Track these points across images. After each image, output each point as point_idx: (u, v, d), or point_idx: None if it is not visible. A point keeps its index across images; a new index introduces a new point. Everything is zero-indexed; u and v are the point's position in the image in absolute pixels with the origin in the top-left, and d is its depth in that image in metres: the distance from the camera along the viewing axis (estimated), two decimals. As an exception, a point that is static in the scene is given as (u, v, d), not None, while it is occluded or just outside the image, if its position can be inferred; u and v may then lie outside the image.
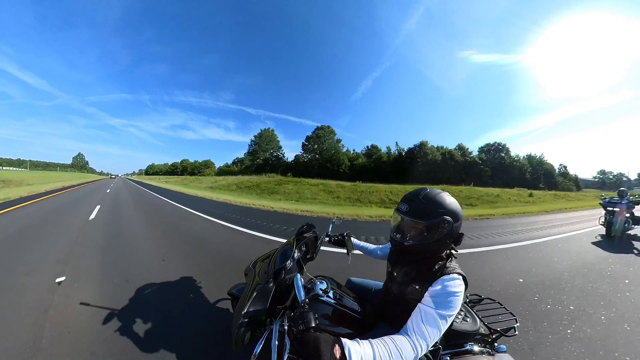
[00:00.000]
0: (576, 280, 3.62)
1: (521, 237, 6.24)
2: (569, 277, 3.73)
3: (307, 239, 1.60)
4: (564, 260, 4.52)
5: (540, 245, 5.59)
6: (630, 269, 4.21)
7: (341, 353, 0.83)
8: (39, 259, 3.95)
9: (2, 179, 25.46)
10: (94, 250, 4.42)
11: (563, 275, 3.80)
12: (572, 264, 4.33)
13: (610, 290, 3.30)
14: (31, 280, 3.20)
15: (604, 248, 5.47)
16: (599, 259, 4.70)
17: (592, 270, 4.08)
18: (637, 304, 2.96)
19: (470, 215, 10.48)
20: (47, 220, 7.09)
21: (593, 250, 5.35)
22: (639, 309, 2.83)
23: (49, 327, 2.27)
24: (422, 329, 0.96)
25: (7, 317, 2.42)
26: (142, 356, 1.95)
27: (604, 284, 3.53)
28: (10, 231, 5.71)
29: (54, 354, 1.99)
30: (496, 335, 1.42)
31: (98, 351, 2.00)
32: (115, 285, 3.09)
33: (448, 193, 1.22)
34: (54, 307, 2.59)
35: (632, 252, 5.28)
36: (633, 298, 3.10)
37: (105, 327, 2.27)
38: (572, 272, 3.96)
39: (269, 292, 1.21)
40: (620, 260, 4.69)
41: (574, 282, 3.53)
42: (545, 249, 5.24)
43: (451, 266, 1.14)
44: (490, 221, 9.31)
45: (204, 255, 4.21)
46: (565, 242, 5.91)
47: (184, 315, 2.47)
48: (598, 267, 4.22)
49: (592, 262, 4.48)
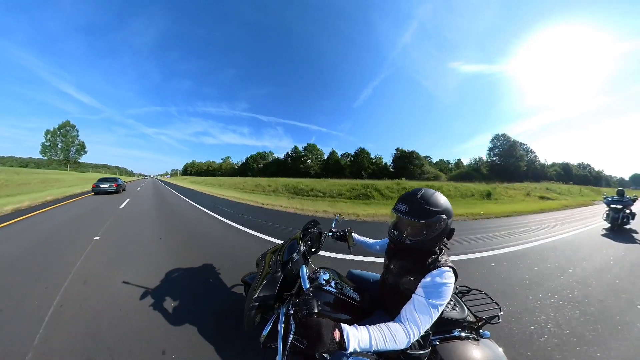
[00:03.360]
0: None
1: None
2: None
3: (312, 234, 1.66)
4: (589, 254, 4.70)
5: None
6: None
7: (340, 336, 0.89)
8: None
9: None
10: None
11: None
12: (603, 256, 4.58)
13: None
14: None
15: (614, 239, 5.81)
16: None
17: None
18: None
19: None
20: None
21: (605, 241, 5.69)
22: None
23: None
24: (415, 317, 1.01)
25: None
26: (172, 327, 2.15)
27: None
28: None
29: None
30: (482, 322, 1.48)
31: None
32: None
33: (440, 193, 1.26)
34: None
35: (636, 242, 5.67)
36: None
37: (142, 302, 2.53)
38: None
39: (277, 281, 1.28)
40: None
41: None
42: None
43: (443, 259, 1.19)
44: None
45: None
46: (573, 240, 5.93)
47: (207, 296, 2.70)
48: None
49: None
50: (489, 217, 8.91)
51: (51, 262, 3.66)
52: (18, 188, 17.93)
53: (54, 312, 2.38)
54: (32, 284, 2.96)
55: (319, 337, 0.87)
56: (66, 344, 1.97)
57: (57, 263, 3.61)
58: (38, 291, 2.77)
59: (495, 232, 6.28)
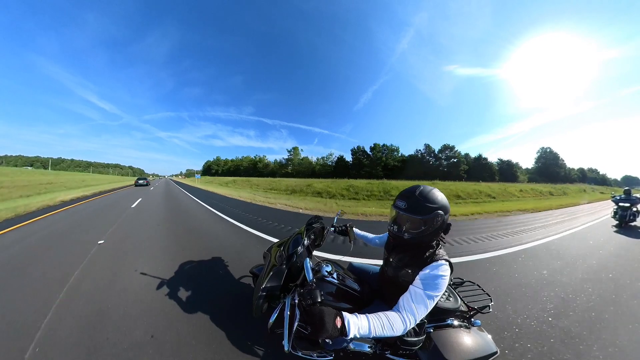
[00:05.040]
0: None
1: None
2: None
3: (315, 228, 1.72)
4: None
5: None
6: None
7: (342, 323, 0.95)
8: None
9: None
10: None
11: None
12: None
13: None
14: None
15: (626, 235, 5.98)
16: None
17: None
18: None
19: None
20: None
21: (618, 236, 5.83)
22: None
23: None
24: (412, 306, 1.06)
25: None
26: (186, 314, 2.24)
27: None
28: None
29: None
30: (473, 312, 1.55)
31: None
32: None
33: (438, 189, 1.28)
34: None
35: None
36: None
37: (158, 292, 2.63)
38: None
39: (283, 272, 1.35)
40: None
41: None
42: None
43: (439, 253, 1.23)
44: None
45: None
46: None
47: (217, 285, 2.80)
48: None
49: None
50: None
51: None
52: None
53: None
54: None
55: (322, 324, 0.93)
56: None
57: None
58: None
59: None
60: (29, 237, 4.63)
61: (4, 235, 4.77)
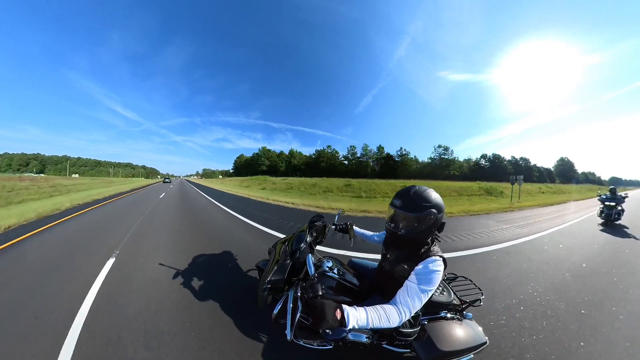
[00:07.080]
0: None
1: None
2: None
3: (317, 226, 1.76)
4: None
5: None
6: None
7: (341, 315, 0.99)
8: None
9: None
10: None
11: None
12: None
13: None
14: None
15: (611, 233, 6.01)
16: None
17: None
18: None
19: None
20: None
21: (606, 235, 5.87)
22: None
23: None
24: (407, 300, 1.09)
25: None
26: (198, 302, 2.37)
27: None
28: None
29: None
30: (465, 305, 1.59)
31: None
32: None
33: (433, 189, 1.30)
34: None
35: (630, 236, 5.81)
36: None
37: (174, 281, 2.81)
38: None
39: (287, 267, 1.40)
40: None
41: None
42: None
43: (434, 250, 1.25)
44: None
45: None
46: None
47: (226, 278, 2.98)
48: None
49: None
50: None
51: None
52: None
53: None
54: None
55: (322, 315, 0.97)
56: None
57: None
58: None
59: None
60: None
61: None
